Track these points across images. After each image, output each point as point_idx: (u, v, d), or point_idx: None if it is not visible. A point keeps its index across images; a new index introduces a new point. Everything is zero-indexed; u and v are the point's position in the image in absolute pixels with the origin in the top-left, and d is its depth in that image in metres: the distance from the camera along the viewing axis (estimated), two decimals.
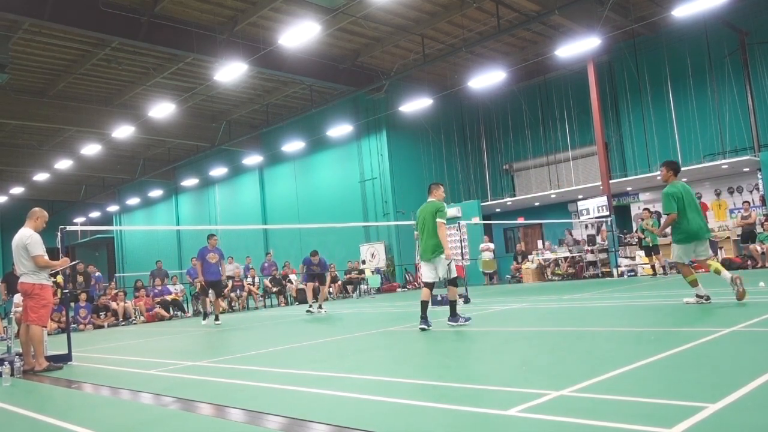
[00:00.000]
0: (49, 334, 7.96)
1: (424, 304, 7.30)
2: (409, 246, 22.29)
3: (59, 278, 7.47)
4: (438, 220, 7.26)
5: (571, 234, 19.72)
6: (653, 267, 15.08)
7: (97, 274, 17.38)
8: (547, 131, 22.50)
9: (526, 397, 3.34)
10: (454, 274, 7.43)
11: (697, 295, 7.44)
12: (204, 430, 3.54)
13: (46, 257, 6.72)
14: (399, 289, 21.44)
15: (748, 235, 14.92)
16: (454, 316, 7.31)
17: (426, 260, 7.38)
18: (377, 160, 22.94)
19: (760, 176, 16.59)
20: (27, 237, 6.72)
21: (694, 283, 7.47)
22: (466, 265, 20.24)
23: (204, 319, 12.48)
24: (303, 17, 15.76)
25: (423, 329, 7.16)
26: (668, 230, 7.59)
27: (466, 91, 22.25)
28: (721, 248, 16.34)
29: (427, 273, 7.46)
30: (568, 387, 3.50)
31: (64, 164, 26.91)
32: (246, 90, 22.76)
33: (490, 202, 22.31)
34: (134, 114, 22.68)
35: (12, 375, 6.30)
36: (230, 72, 16.91)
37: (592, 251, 18.05)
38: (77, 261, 13.02)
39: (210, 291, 12.15)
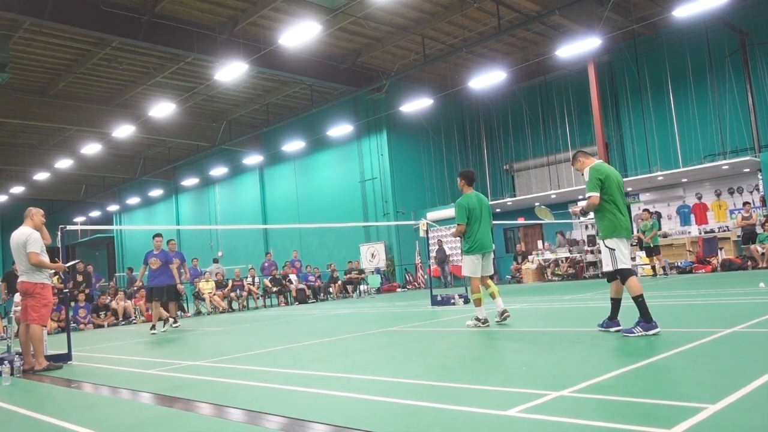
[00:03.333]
0: (48, 334, 7.97)
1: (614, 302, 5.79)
2: (410, 246, 22.30)
3: (55, 279, 7.47)
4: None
5: (563, 236, 19.72)
6: (653, 267, 15.09)
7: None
8: (547, 131, 22.50)
9: (526, 397, 3.34)
10: (617, 266, 5.53)
11: (477, 318, 7.10)
12: (204, 430, 3.54)
13: (42, 257, 6.69)
14: (399, 289, 21.44)
15: (749, 235, 14.92)
16: (642, 321, 5.36)
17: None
18: (377, 160, 22.94)
19: (760, 177, 16.58)
20: (27, 235, 6.72)
21: (478, 302, 7.09)
22: None
23: (152, 329, 10.89)
24: (303, 17, 15.76)
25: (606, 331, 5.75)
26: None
27: (467, 91, 22.25)
28: (721, 249, 16.34)
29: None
30: (568, 387, 3.50)
31: (64, 164, 26.91)
32: (246, 90, 22.76)
33: (490, 202, 22.26)
34: (134, 113, 22.69)
35: (12, 374, 6.29)
36: (230, 72, 16.90)
37: (592, 251, 18.04)
38: (77, 260, 13.05)
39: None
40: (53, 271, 7.28)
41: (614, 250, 5.51)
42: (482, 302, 7.12)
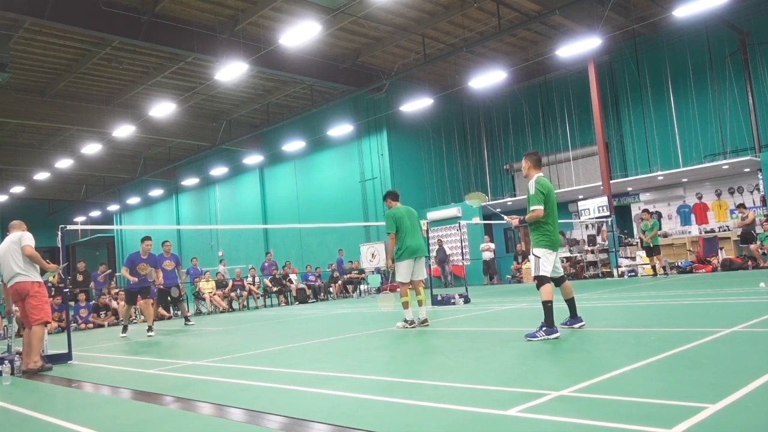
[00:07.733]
0: (49, 333, 7.97)
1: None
2: None
3: (52, 278, 7.52)
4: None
5: (563, 235, 19.68)
6: (653, 267, 15.09)
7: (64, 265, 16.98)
8: (547, 131, 22.50)
9: (526, 397, 3.34)
10: (538, 272, 6.04)
11: (405, 320, 7.75)
12: (204, 430, 3.54)
13: (35, 252, 6.78)
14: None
15: (747, 236, 14.96)
16: (545, 326, 5.74)
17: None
18: (377, 160, 22.94)
19: (760, 176, 16.58)
20: (21, 233, 6.80)
21: (406, 305, 7.78)
22: (467, 265, 20.29)
23: (124, 331, 10.80)
24: (304, 17, 15.76)
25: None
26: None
27: (467, 90, 22.25)
28: (721, 249, 16.35)
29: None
30: (568, 387, 3.50)
31: (64, 163, 26.89)
32: (246, 89, 22.76)
33: (490, 202, 22.30)
34: (135, 113, 22.68)
35: (12, 374, 6.30)
36: (231, 71, 16.90)
37: (592, 251, 18.05)
38: (66, 263, 13.01)
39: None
40: (49, 272, 7.30)
41: (539, 258, 6.02)
42: (410, 305, 7.81)
